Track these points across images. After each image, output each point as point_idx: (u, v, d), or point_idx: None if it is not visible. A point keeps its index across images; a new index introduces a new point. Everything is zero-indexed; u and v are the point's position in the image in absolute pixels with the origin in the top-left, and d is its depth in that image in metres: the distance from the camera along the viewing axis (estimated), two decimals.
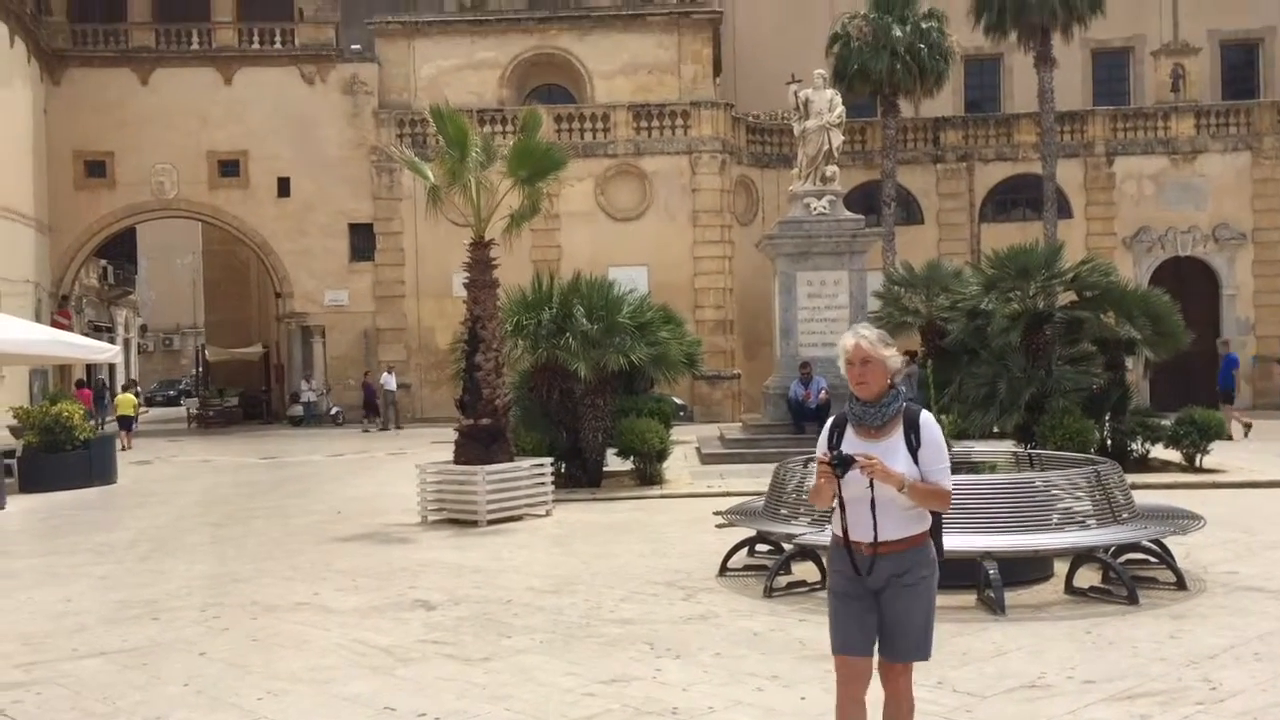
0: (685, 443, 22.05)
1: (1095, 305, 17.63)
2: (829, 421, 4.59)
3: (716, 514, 11.40)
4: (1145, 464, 17.50)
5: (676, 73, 36.53)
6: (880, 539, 4.35)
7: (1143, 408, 19.24)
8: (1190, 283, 35.08)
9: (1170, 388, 29.81)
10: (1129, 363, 18.69)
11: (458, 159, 15.17)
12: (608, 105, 35.64)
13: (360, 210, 35.96)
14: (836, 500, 4.39)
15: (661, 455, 17.55)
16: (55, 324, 32.17)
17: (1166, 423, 17.71)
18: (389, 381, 33.47)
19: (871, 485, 4.29)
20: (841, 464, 4.24)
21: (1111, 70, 41.61)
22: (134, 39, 36.54)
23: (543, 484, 14.87)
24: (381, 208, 35.74)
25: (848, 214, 23.21)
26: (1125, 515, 9.39)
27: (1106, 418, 17.80)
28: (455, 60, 36.43)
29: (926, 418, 4.43)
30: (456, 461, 14.90)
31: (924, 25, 34.82)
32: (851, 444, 4.42)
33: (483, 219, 15.42)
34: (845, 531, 4.44)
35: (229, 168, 36.26)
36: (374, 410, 33.73)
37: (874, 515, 4.33)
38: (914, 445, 4.38)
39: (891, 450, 4.36)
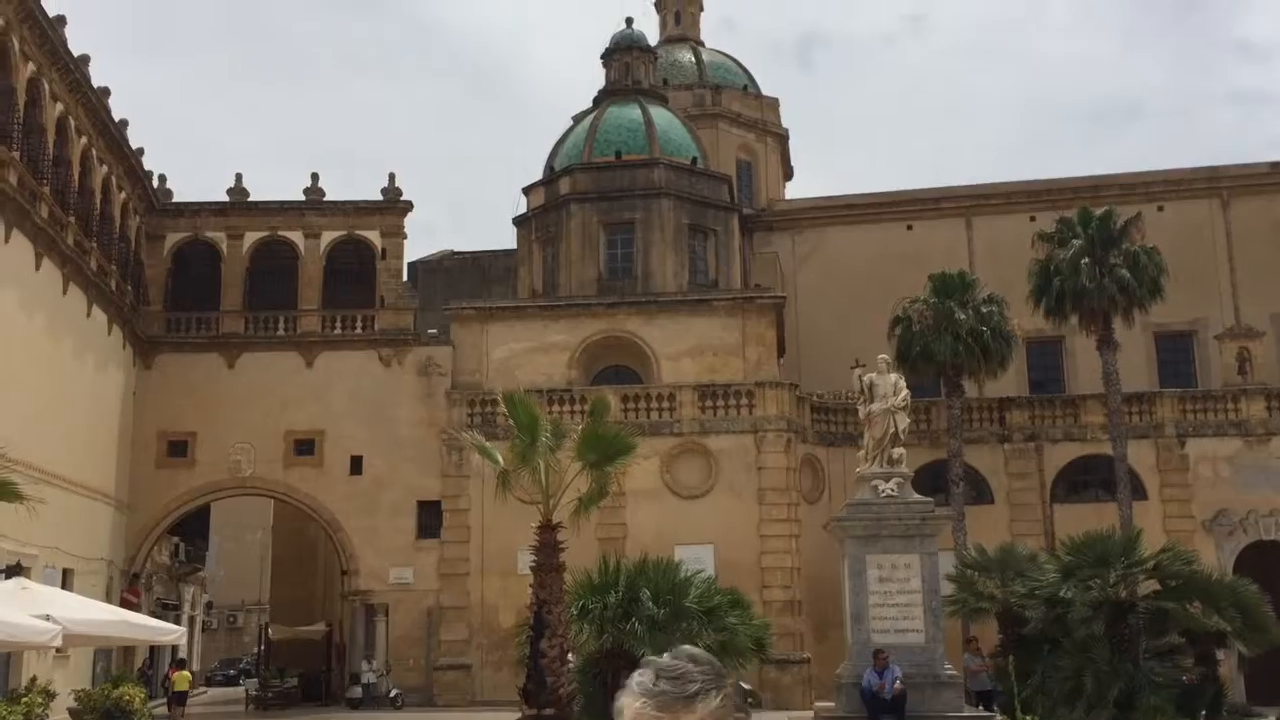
0: None
1: (1180, 595, 17.08)
2: None
3: None
4: None
5: (741, 354, 37.37)
6: None
7: (1239, 704, 18.22)
8: (1277, 569, 33.85)
9: (1268, 680, 28.22)
10: (1220, 655, 17.84)
11: (528, 443, 15.46)
12: (673, 385, 36.39)
13: (429, 487, 36.42)
14: None
15: None
16: (124, 602, 32.32)
17: None
18: None
19: None
20: None
21: (1175, 352, 41.91)
22: (224, 325, 38.39)
23: None
24: (450, 485, 36.16)
25: (916, 496, 23.01)
26: None
27: (1201, 715, 16.85)
28: (526, 343, 37.72)
29: None
30: None
31: (985, 309, 35.56)
32: None
33: (551, 502, 15.52)
34: None
35: (304, 447, 37.21)
36: None
37: None
38: None
39: None
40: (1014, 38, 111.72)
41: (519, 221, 44.26)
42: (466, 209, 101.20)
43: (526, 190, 44.45)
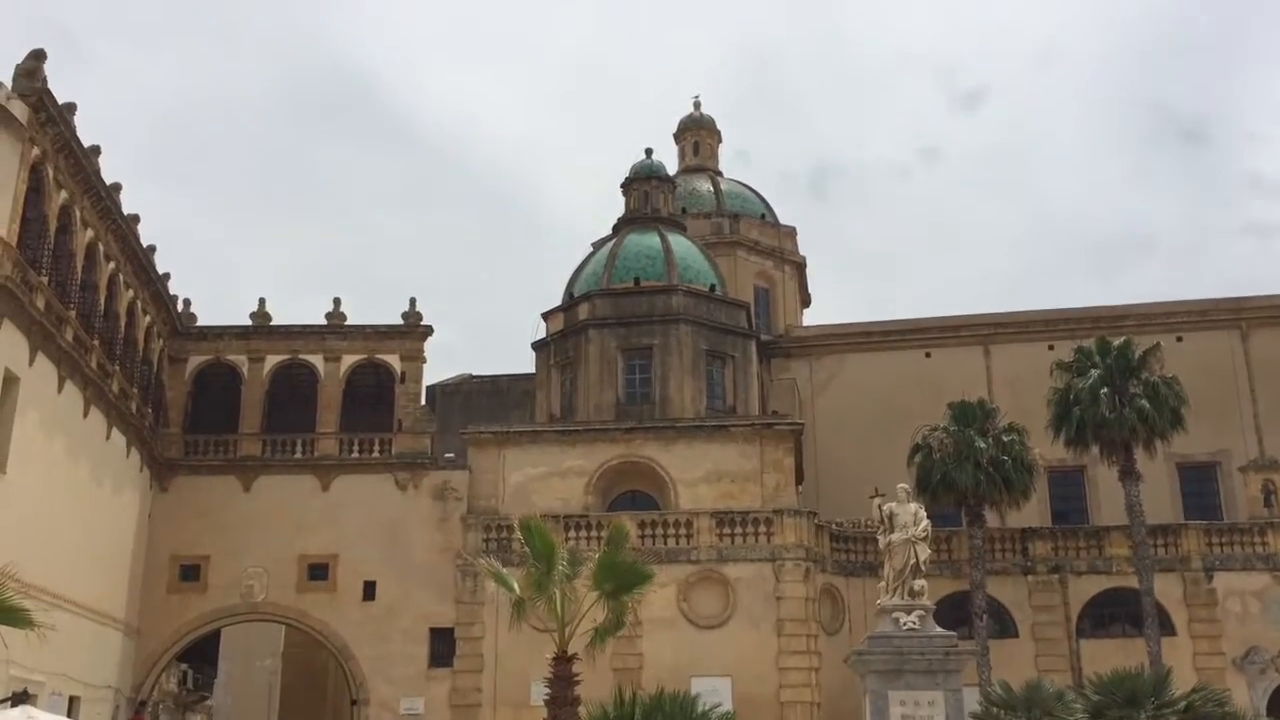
0: None
1: None
2: None
3: None
4: None
5: (759, 481, 37.10)
6: None
7: None
8: None
9: None
10: None
11: (544, 572, 15.31)
12: (691, 512, 36.06)
13: (442, 614, 35.84)
14: None
15: None
16: None
17: None
18: None
19: None
20: None
21: (1200, 484, 41.44)
22: (242, 448, 38.31)
23: None
24: (464, 612, 35.60)
25: (939, 630, 22.52)
26: None
27: None
28: (543, 467, 37.54)
29: None
30: None
31: (1005, 438, 35.34)
32: None
33: (566, 632, 15.25)
34: None
35: (318, 571, 36.80)
36: None
37: None
38: None
39: None
40: (1025, 170, 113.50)
41: (538, 346, 44.55)
42: (486, 332, 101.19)
43: (546, 315, 44.84)
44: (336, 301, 39.76)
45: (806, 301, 55.27)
